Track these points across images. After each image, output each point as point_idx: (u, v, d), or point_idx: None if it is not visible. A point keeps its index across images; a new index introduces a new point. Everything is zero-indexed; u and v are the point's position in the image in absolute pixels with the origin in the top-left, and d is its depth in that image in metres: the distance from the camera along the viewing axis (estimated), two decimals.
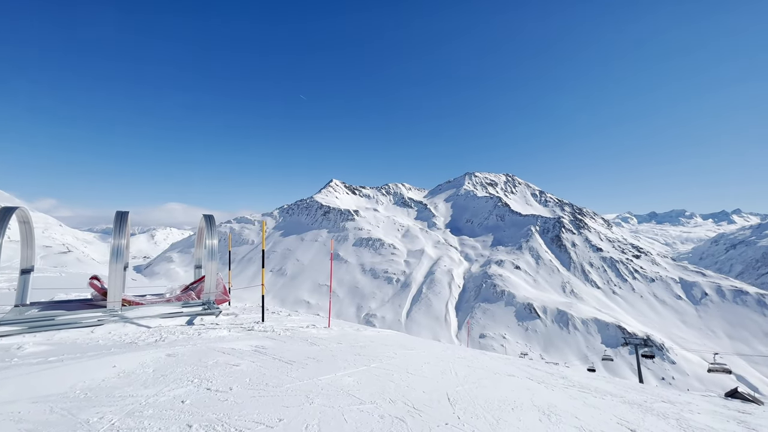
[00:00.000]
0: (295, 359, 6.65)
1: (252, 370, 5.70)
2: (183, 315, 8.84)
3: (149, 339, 7.15)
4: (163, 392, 4.52)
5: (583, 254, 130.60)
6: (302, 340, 8.41)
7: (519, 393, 7.17)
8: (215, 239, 9.11)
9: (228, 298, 10.35)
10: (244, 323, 9.24)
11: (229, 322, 9.23)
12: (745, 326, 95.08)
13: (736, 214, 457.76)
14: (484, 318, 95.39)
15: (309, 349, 7.63)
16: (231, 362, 5.95)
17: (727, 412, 8.59)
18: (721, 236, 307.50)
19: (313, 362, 6.63)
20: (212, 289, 9.23)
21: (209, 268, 9.13)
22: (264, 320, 9.65)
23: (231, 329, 8.38)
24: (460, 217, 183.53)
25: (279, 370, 5.90)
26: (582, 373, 14.12)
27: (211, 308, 9.22)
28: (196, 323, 8.72)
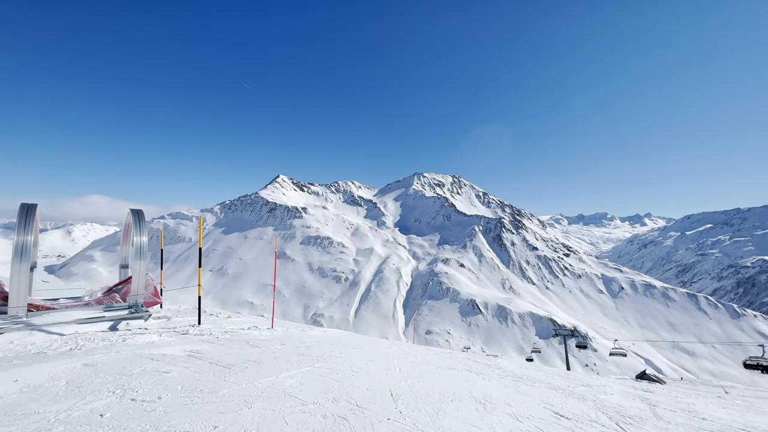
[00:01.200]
0: (234, 363, 6.35)
1: (185, 376, 5.33)
2: (105, 320, 8.01)
3: (62, 348, 6.39)
4: (78, 406, 4.06)
5: (521, 253, 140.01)
6: (243, 342, 8.06)
7: (458, 385, 7.50)
8: (144, 236, 8.36)
9: (159, 300, 9.58)
10: (178, 327, 8.62)
11: (161, 326, 8.55)
12: (653, 316, 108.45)
13: (647, 218, 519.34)
14: (431, 314, 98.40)
15: (250, 351, 7.33)
16: (161, 369, 5.52)
17: (634, 391, 9.71)
18: (635, 237, 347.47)
19: (254, 365, 6.38)
20: (140, 291, 8.47)
21: (137, 267, 8.37)
22: (200, 323, 9.08)
23: (162, 334, 7.78)
24: (408, 216, 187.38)
25: (216, 374, 5.59)
26: (516, 363, 15.15)
27: (139, 311, 8.46)
28: (120, 329, 7.97)
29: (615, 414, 6.85)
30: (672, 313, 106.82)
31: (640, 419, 6.67)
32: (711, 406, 8.97)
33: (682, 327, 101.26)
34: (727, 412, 8.32)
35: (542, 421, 5.91)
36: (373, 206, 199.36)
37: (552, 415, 6.32)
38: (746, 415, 8.16)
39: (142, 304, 8.67)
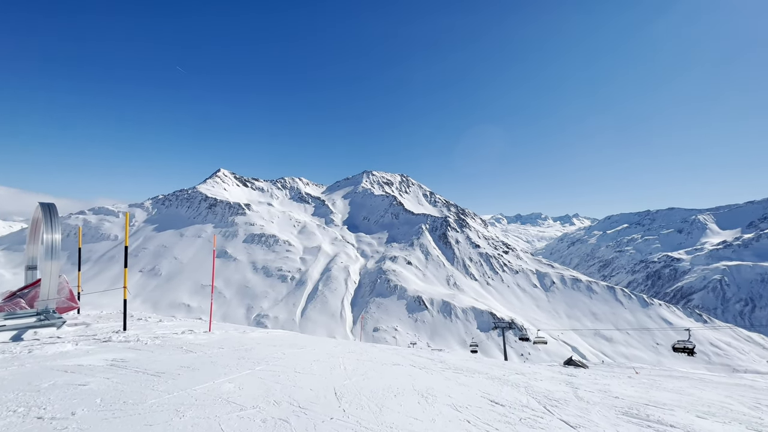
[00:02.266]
0: (165, 370, 5.89)
1: (105, 388, 4.84)
2: (6, 329, 7.00)
3: None
4: None
5: (465, 250, 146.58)
6: (176, 348, 7.51)
7: (402, 380, 7.67)
8: (57, 233, 7.41)
9: (76, 305, 8.57)
10: (99, 334, 7.79)
11: (77, 333, 7.66)
12: (579, 307, 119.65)
13: (576, 218, 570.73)
14: (378, 312, 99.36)
15: (183, 357, 6.85)
16: (76, 382, 4.96)
17: (560, 377, 10.62)
18: (565, 235, 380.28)
19: (187, 371, 5.97)
20: (52, 295, 7.51)
21: (48, 269, 7.39)
22: (126, 329, 8.28)
23: (79, 342, 6.98)
24: (357, 214, 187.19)
25: (143, 384, 5.15)
26: (458, 356, 15.83)
27: (50, 318, 7.49)
28: (26, 338, 7.02)
29: (543, 398, 7.44)
30: (594, 304, 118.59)
31: (564, 401, 7.32)
32: (623, 385, 10.10)
33: (602, 316, 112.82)
34: (635, 390, 9.41)
35: (479, 410, 6.24)
36: (321, 204, 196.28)
37: (488, 403, 6.70)
38: (650, 392, 9.30)
39: (53, 310, 7.71)
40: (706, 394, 9.34)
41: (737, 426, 6.43)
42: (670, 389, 10.04)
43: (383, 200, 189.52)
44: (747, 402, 8.63)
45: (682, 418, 6.66)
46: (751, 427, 6.40)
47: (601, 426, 5.97)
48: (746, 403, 8.40)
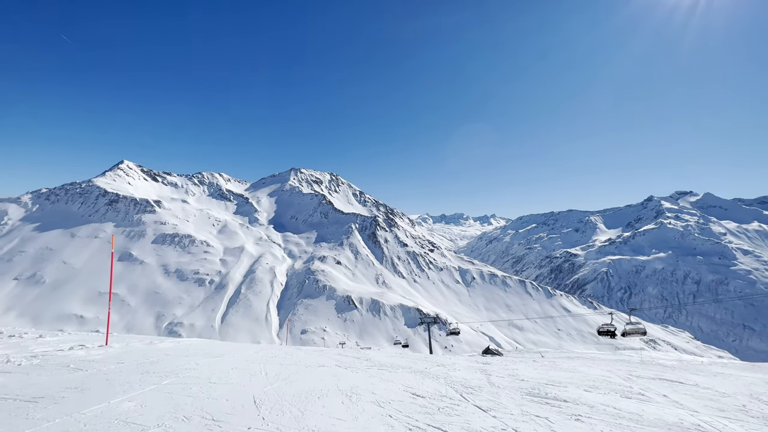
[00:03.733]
0: (44, 394, 5.05)
1: None
2: None
3: None
4: None
5: (393, 249, 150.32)
6: (60, 367, 6.47)
7: (327, 381, 7.58)
8: None
9: None
10: None
11: None
12: (495, 300, 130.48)
13: (493, 218, 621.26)
14: (306, 313, 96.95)
15: (70, 377, 5.93)
16: None
17: (476, 365, 11.45)
18: (484, 234, 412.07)
19: (75, 393, 5.19)
20: None
21: None
22: None
23: None
24: (284, 213, 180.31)
25: (12, 413, 4.34)
26: (385, 353, 16.17)
27: None
28: None
29: (460, 387, 7.95)
30: (509, 297, 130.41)
31: (478, 388, 7.91)
32: (528, 369, 11.25)
33: (515, 307, 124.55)
34: (538, 372, 10.55)
35: (401, 403, 6.44)
36: (244, 201, 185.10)
37: (410, 396, 6.95)
38: (550, 372, 10.50)
39: None
40: (592, 371, 10.82)
41: (613, 395, 7.57)
42: (566, 368, 11.44)
43: (312, 199, 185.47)
44: (622, 374, 10.21)
45: (572, 393, 7.63)
46: (623, 395, 7.59)
47: (509, 407, 6.58)
48: (621, 376, 9.94)
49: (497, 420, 5.78)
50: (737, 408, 6.78)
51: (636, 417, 6.08)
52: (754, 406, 6.96)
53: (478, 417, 5.91)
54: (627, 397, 7.45)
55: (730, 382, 9.53)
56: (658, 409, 6.60)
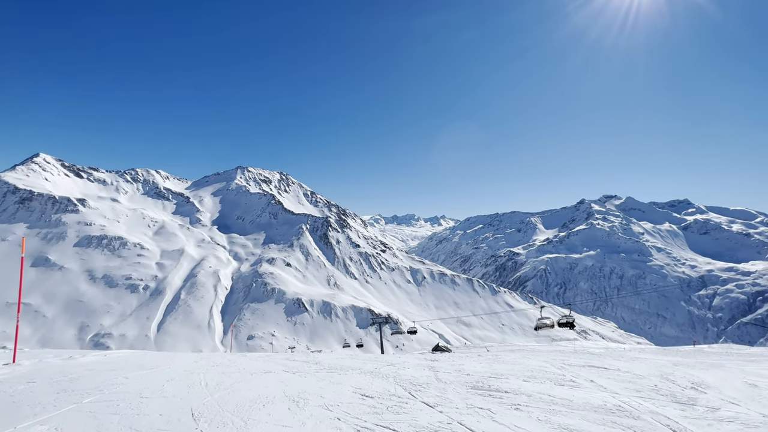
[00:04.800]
0: None
1: None
2: None
3: None
4: None
5: (345, 250, 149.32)
6: None
7: (273, 388, 7.30)
8: None
9: None
10: None
11: None
12: (445, 298, 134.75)
13: (443, 219, 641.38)
14: (254, 318, 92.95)
15: None
16: None
17: (425, 362, 11.71)
18: (434, 235, 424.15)
19: None
20: None
21: None
22: None
23: None
24: (230, 213, 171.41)
25: None
26: (335, 355, 15.97)
27: None
28: None
29: (409, 384, 8.08)
30: (457, 295, 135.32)
31: (426, 385, 8.08)
32: (473, 363, 11.72)
33: (463, 305, 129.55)
34: (483, 366, 11.04)
35: (350, 405, 6.38)
36: (185, 201, 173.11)
37: (359, 398, 6.92)
38: (493, 366, 11.03)
39: None
40: (530, 362, 11.54)
41: (548, 384, 8.13)
42: (507, 361, 12.10)
43: (260, 199, 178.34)
44: (557, 364, 11.01)
45: (513, 384, 8.08)
46: (557, 383, 8.18)
47: (455, 401, 6.80)
48: (556, 365, 10.72)
49: (443, 415, 5.94)
50: (650, 388, 7.60)
51: (567, 402, 6.57)
52: (664, 385, 7.85)
53: (426, 413, 6.04)
54: (560, 384, 8.04)
55: (645, 365, 10.68)
56: (586, 393, 7.20)
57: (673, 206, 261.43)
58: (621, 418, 5.68)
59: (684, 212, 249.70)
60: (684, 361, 11.92)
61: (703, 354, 16.43)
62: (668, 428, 5.26)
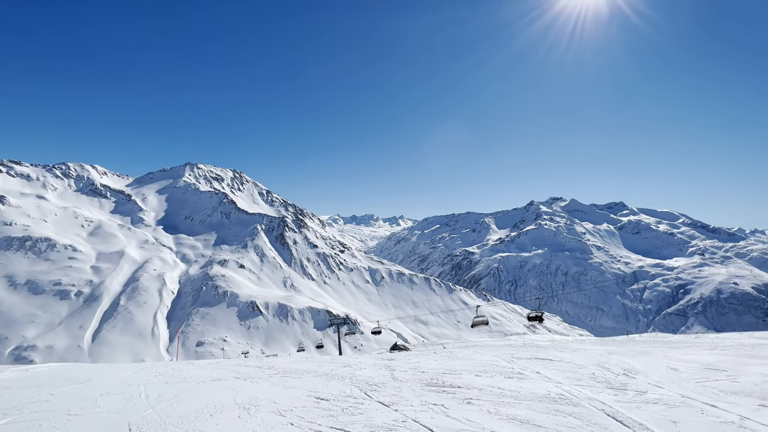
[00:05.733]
0: None
1: None
2: None
3: None
4: None
5: (303, 251, 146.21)
6: None
7: (222, 396, 6.95)
8: None
9: None
10: None
11: None
12: (403, 298, 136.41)
13: (401, 219, 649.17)
14: (203, 323, 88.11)
15: None
16: None
17: (382, 362, 11.75)
18: (393, 235, 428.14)
19: None
20: None
21: None
22: None
23: None
24: (177, 212, 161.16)
25: None
26: (291, 358, 15.58)
27: None
28: None
29: (365, 385, 8.05)
30: (415, 294, 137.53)
31: (382, 384, 8.11)
32: (429, 360, 11.96)
33: (420, 303, 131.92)
34: (437, 363, 11.29)
35: (304, 409, 6.23)
36: (126, 199, 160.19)
37: (314, 401, 6.78)
38: (448, 362, 11.32)
39: None
40: (483, 357, 11.99)
41: (499, 377, 8.49)
42: (461, 357, 12.48)
43: (211, 197, 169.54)
44: (506, 358, 11.53)
45: (466, 379, 8.34)
46: (506, 376, 8.56)
47: (410, 399, 6.87)
48: (505, 359, 11.22)
49: (398, 413, 5.98)
50: (589, 376, 8.19)
51: (515, 394, 6.90)
52: (600, 373, 8.50)
53: (381, 412, 6.05)
54: (509, 377, 8.42)
55: (585, 355, 11.50)
56: (533, 384, 7.60)
57: (611, 208, 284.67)
58: (563, 406, 6.05)
59: (620, 213, 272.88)
60: (618, 350, 12.99)
61: (634, 343, 18.02)
62: (603, 412, 5.68)
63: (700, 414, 5.42)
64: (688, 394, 6.38)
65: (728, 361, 9.08)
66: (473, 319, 28.92)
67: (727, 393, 6.35)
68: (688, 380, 7.42)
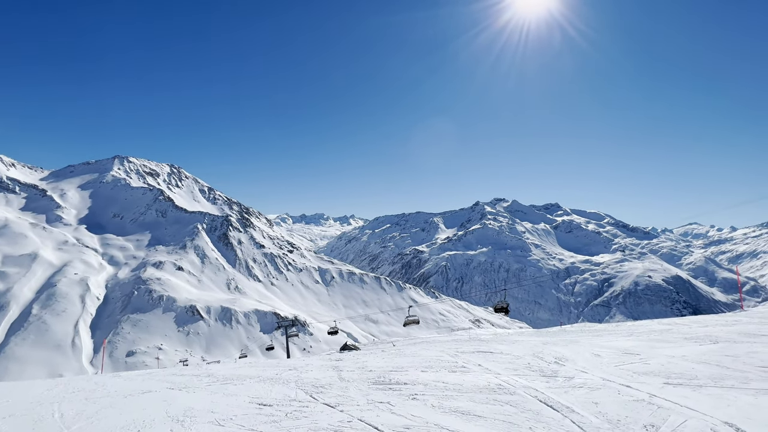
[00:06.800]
0: None
1: None
2: None
3: None
4: None
5: (248, 251, 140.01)
6: None
7: (153, 409, 6.41)
8: None
9: None
10: None
11: None
12: (353, 297, 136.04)
13: (352, 218, 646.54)
14: (135, 331, 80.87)
15: None
16: None
17: (329, 363, 11.60)
18: (343, 234, 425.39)
19: None
20: None
21: None
22: None
23: None
24: (104, 210, 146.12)
25: None
26: (232, 364, 14.82)
27: None
28: None
29: (311, 387, 7.88)
30: (366, 293, 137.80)
31: (329, 386, 7.99)
32: (377, 359, 12.02)
33: (371, 303, 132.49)
34: (385, 360, 11.38)
35: (245, 417, 5.94)
36: (39, 194, 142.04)
37: (256, 408, 6.49)
38: (395, 359, 11.46)
39: None
40: (429, 353, 12.30)
41: (443, 371, 8.76)
42: (409, 354, 12.70)
43: (145, 194, 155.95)
44: (451, 352, 11.94)
45: (411, 375, 8.50)
46: (450, 370, 8.86)
47: (356, 399, 6.84)
48: (450, 353, 11.61)
49: (344, 414, 5.93)
50: (524, 366, 8.74)
51: (458, 387, 7.16)
52: (534, 362, 9.12)
53: (326, 414, 5.95)
54: (453, 371, 8.73)
55: (522, 346, 12.27)
56: (474, 376, 7.94)
57: (547, 209, 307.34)
58: (501, 395, 6.39)
59: (555, 214, 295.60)
60: (551, 340, 14.03)
61: (565, 333, 19.61)
62: (536, 399, 6.09)
63: (617, 394, 6.02)
64: (608, 377, 7.05)
65: (641, 346, 10.20)
66: (405, 319, 29.83)
67: (639, 374, 7.12)
68: (608, 365, 8.20)
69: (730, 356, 7.90)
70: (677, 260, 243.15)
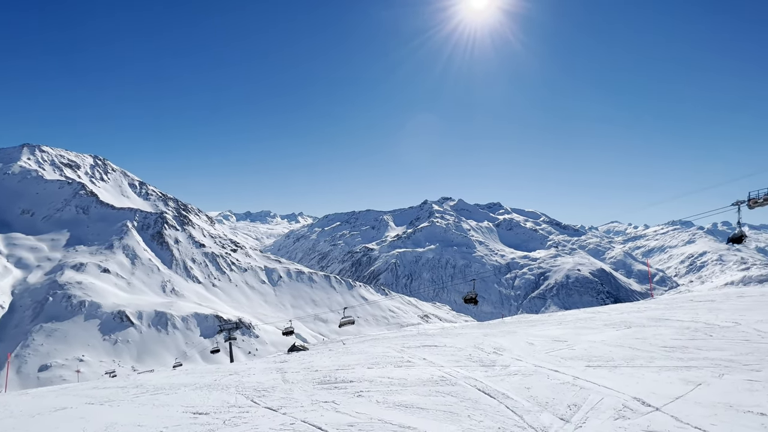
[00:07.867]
0: None
1: None
2: None
3: None
4: None
5: (186, 251, 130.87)
6: None
7: (67, 428, 5.74)
8: None
9: None
10: None
11: None
12: (302, 297, 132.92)
13: (300, 216, 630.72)
14: (50, 342, 71.92)
15: None
16: None
17: (273, 365, 11.22)
18: (291, 232, 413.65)
19: None
20: None
21: None
22: None
23: None
24: (9, 206, 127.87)
25: None
26: (165, 373, 13.76)
27: None
28: None
29: (252, 391, 7.55)
30: (315, 292, 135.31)
31: (272, 388, 7.72)
32: (323, 358, 11.86)
33: (321, 302, 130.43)
34: (332, 360, 11.27)
35: (177, 428, 5.53)
36: None
37: (190, 417, 6.08)
38: (342, 358, 11.38)
39: None
40: (375, 349, 12.40)
41: (389, 367, 8.87)
42: (356, 352, 12.69)
43: (62, 188, 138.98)
44: (397, 348, 12.14)
45: (358, 373, 8.49)
46: (396, 365, 8.99)
47: (300, 400, 6.68)
48: (397, 349, 11.79)
49: (287, 416, 5.75)
50: (466, 357, 9.14)
51: (403, 381, 7.28)
52: (475, 353, 9.57)
53: (268, 418, 5.73)
54: (398, 366, 8.87)
55: (465, 339, 12.82)
56: (419, 370, 8.14)
57: (490, 207, 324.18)
58: (443, 387, 6.61)
59: (497, 212, 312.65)
60: (492, 332, 14.83)
61: (504, 324, 20.84)
62: (475, 388, 6.38)
63: (547, 379, 6.50)
64: (540, 364, 7.60)
65: (569, 333, 11.14)
66: (340, 320, 30.06)
67: (566, 359, 7.76)
68: (540, 352, 8.85)
69: (639, 339, 8.91)
70: (601, 255, 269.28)
